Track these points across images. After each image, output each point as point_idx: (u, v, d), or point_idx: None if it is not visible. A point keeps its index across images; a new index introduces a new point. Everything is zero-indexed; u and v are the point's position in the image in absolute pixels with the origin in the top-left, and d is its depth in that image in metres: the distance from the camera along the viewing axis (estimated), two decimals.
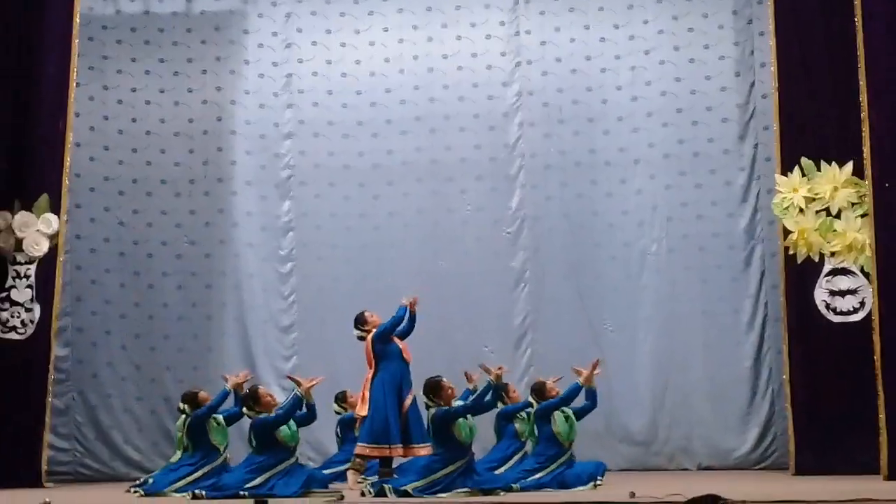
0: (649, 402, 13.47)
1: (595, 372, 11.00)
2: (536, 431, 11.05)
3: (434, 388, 10.06)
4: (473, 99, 14.19)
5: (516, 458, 11.21)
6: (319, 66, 14.40)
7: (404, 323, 10.98)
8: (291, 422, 10.47)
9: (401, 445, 10.55)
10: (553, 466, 10.65)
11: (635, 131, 13.82)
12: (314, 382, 10.69)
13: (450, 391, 10.09)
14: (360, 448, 10.60)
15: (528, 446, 11.24)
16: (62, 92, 12.29)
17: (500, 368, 10.28)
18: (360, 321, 11.09)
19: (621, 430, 13.50)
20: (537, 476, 10.53)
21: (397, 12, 14.37)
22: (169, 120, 14.20)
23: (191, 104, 14.24)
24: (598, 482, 10.54)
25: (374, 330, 10.92)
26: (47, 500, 9.61)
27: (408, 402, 10.66)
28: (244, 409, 10.64)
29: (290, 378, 11.17)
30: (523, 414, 11.36)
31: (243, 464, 10.43)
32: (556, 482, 10.48)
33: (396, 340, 10.89)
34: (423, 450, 10.40)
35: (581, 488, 10.31)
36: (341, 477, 11.10)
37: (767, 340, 13.19)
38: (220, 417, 11.06)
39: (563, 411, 10.85)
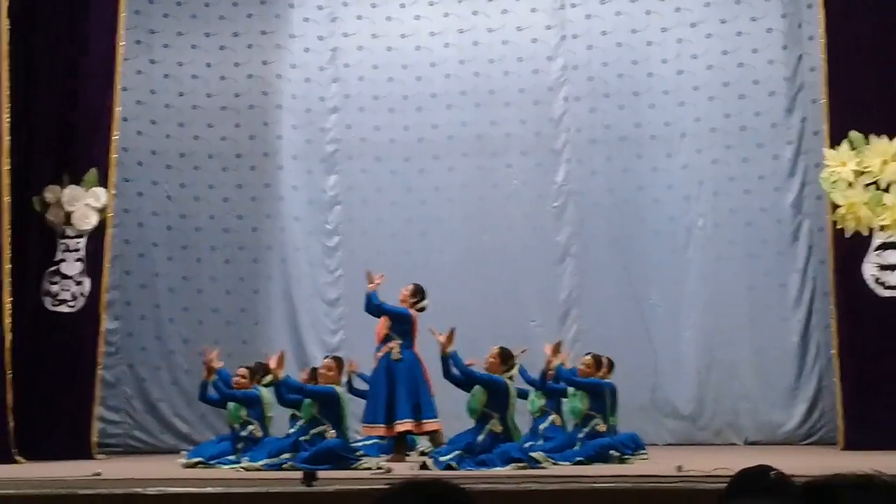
0: (695, 377, 13.44)
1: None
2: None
3: None
4: (518, 73, 14.15)
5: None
6: (365, 40, 14.40)
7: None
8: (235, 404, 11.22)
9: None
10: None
11: (681, 105, 13.74)
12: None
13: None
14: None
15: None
16: (109, 66, 12.39)
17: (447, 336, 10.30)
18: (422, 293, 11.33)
19: (667, 405, 13.48)
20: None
21: None
22: (215, 94, 14.26)
23: (237, 78, 14.30)
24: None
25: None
26: (98, 471, 9.70)
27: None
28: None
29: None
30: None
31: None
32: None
33: None
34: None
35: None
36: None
37: (815, 315, 13.10)
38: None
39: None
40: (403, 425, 10.93)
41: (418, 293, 11.33)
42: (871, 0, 11.68)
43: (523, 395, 11.28)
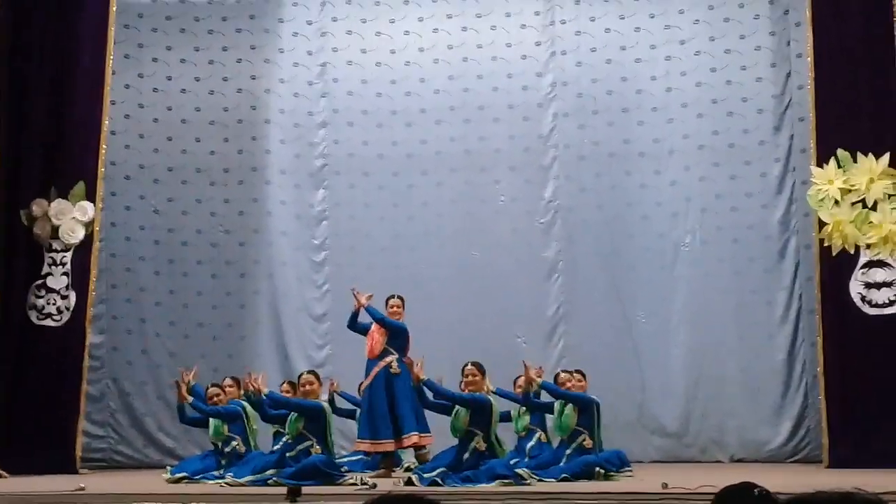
0: (682, 394, 13.43)
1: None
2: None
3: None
4: (508, 89, 14.16)
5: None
6: (354, 55, 14.41)
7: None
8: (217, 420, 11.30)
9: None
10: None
11: (670, 122, 13.77)
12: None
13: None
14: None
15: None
16: (98, 80, 12.38)
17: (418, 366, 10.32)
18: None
19: (653, 422, 13.47)
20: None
21: (432, 2, 14.35)
22: (204, 108, 14.25)
23: (226, 93, 14.29)
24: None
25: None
26: (82, 485, 9.68)
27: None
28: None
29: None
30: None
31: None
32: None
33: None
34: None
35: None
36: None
37: (801, 333, 13.12)
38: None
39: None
40: (410, 439, 10.92)
41: (403, 304, 11.38)
42: (859, 18, 11.71)
43: (505, 417, 11.23)
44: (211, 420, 11.36)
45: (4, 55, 11.87)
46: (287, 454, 10.46)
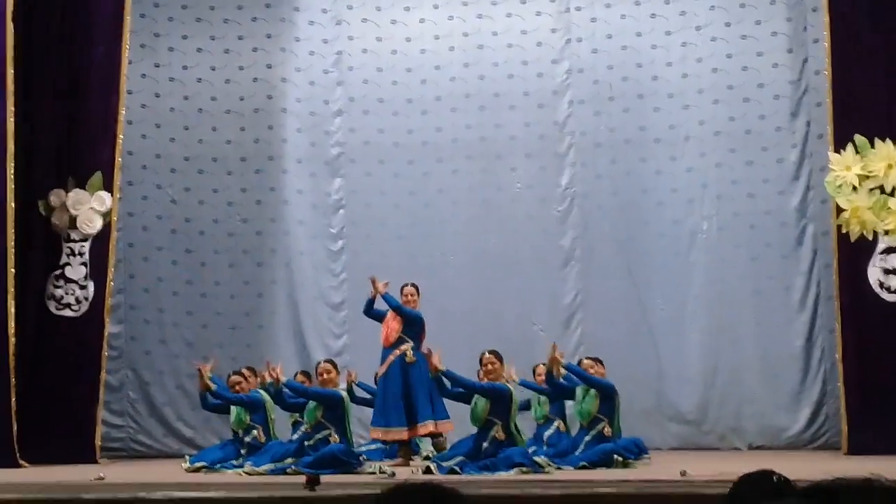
0: (700, 381, 13.40)
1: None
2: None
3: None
4: (523, 76, 14.13)
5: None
6: (369, 44, 14.39)
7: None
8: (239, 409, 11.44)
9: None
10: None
11: (686, 108, 13.72)
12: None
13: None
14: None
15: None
16: (114, 69, 12.38)
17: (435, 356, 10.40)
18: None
19: (671, 409, 13.45)
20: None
21: None
22: (220, 98, 14.25)
23: (242, 82, 14.29)
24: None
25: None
26: (101, 474, 9.72)
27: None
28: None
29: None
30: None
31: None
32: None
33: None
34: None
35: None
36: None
37: (820, 319, 13.07)
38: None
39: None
40: (426, 427, 10.94)
41: (418, 292, 11.40)
42: (876, 3, 11.66)
43: (524, 406, 11.26)
44: (233, 408, 11.40)
45: (20, 46, 11.88)
46: (306, 443, 10.48)
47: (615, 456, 10.41)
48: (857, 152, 11.58)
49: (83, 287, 12.21)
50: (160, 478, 9.87)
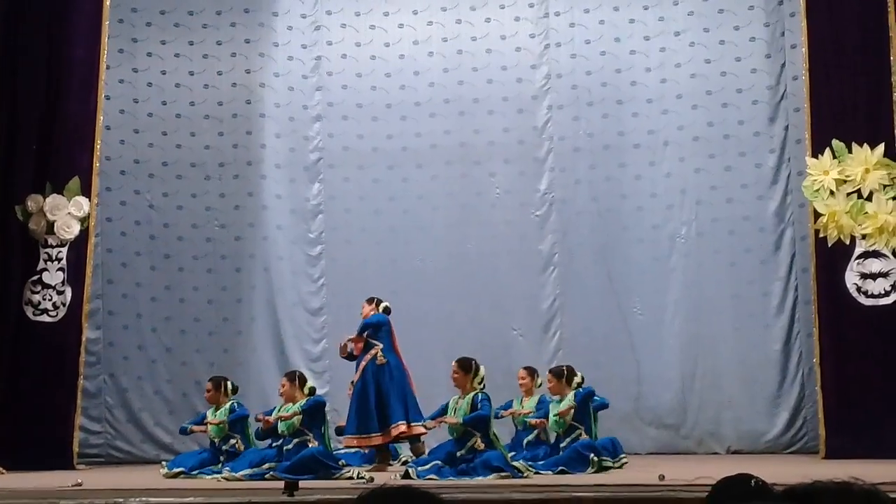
0: (678, 386, 13.43)
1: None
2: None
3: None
4: (502, 81, 14.14)
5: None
6: (348, 49, 14.38)
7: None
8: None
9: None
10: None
11: (664, 113, 13.75)
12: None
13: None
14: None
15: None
16: (92, 75, 12.34)
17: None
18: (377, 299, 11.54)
19: (650, 414, 13.46)
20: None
21: None
22: (199, 103, 14.21)
23: (220, 87, 14.26)
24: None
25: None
26: (79, 480, 9.67)
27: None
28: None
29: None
30: None
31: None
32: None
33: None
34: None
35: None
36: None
37: (797, 324, 13.12)
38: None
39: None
40: (398, 428, 10.92)
41: (373, 300, 11.41)
42: (853, 9, 11.71)
43: (506, 406, 11.32)
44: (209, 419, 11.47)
45: None
46: (284, 448, 10.46)
47: (591, 455, 10.38)
48: (834, 157, 11.63)
49: (61, 292, 12.16)
50: (138, 484, 9.83)
